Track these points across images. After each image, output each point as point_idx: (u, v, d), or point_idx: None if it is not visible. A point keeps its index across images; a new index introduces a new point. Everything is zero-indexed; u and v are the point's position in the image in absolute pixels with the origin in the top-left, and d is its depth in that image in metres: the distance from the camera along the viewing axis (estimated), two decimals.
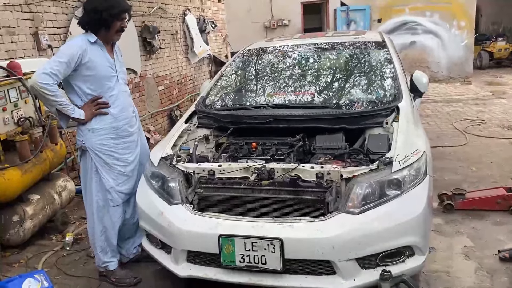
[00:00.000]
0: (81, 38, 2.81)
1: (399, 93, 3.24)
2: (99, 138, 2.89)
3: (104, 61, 2.86)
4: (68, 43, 2.83)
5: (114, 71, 2.93)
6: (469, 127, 6.99)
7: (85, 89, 2.84)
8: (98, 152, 2.91)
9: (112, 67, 2.91)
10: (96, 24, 2.79)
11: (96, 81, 2.85)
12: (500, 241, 3.42)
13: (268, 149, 2.99)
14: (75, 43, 2.78)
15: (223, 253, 2.45)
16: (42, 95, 2.69)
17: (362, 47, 3.95)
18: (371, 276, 2.42)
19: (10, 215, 3.53)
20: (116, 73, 2.94)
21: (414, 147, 2.69)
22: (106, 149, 2.92)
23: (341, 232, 2.35)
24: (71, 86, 2.84)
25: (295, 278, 2.44)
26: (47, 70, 2.64)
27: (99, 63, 2.83)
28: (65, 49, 2.76)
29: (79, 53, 2.73)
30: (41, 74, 2.63)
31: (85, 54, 2.75)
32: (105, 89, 2.89)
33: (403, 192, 2.47)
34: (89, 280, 3.22)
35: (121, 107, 2.96)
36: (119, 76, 2.97)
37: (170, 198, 2.72)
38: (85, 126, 2.88)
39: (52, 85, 2.65)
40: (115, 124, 2.93)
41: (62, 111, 2.79)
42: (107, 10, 2.75)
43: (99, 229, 3.05)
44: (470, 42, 11.68)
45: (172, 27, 8.61)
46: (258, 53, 4.21)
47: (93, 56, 2.79)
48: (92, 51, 2.80)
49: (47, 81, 2.63)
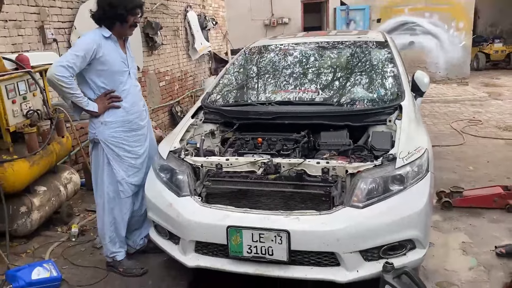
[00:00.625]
0: (96, 33, 2.87)
1: (401, 92, 3.33)
2: (111, 131, 2.96)
3: (117, 56, 2.93)
4: (83, 37, 2.89)
5: (126, 66, 3.00)
6: (466, 128, 7.10)
7: (98, 83, 2.91)
8: (110, 145, 2.97)
9: (124, 62, 2.98)
10: (111, 18, 2.85)
11: (109, 76, 2.92)
12: (496, 238, 3.52)
13: (273, 144, 3.07)
14: (91, 37, 2.84)
15: (231, 244, 2.53)
16: (59, 87, 2.75)
17: (365, 47, 4.03)
18: (373, 268, 2.50)
19: (18, 206, 3.59)
20: (128, 68, 3.01)
21: (417, 144, 2.78)
22: (118, 142, 2.99)
23: (346, 225, 2.44)
24: (85, 79, 2.91)
25: (300, 269, 2.52)
26: (64, 63, 2.70)
27: (113, 58, 2.90)
28: (81, 43, 2.82)
29: (94, 47, 2.79)
30: (58, 67, 2.70)
31: (100, 48, 2.82)
32: (117, 83, 2.96)
33: (405, 187, 2.56)
34: (96, 270, 3.28)
35: (133, 101, 3.03)
36: (131, 71, 3.04)
37: (179, 190, 2.79)
38: (97, 119, 2.94)
39: (68, 77, 2.72)
40: (126, 117, 3.00)
41: (77, 104, 2.86)
42: (123, 5, 2.81)
43: (108, 220, 3.12)
44: (468, 43, 11.80)
45: (174, 23, 8.66)
46: (262, 50, 4.28)
47: (107, 51, 2.86)
48: (106, 46, 2.86)
49: (64, 74, 2.70)
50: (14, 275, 2.96)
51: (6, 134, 3.45)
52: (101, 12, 2.86)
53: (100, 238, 3.28)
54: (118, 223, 3.14)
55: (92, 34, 2.88)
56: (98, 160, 3.06)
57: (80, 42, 2.84)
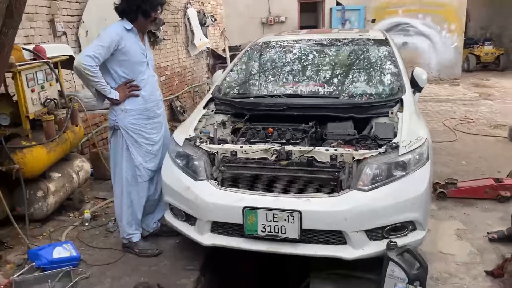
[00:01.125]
0: (118, 25, 3.05)
1: (402, 86, 3.55)
2: (131, 118, 3.14)
3: (137, 47, 3.11)
4: (107, 29, 3.05)
5: (145, 57, 3.18)
6: (458, 125, 7.38)
7: (120, 73, 3.09)
8: (129, 131, 3.15)
9: (144, 53, 3.16)
10: (135, 13, 3.04)
11: (130, 66, 3.10)
12: (488, 225, 3.75)
13: (283, 134, 3.27)
14: (114, 29, 3.02)
15: (247, 224, 2.72)
16: (85, 75, 2.93)
17: (367, 44, 4.24)
18: (377, 247, 2.72)
19: (35, 190, 3.74)
20: (147, 59, 3.19)
21: (417, 134, 3.00)
22: (137, 128, 3.17)
23: (352, 206, 2.65)
24: (107, 69, 3.08)
25: (310, 247, 2.73)
26: (91, 53, 2.87)
27: (133, 49, 3.08)
28: (106, 34, 2.99)
29: (117, 39, 2.97)
30: (86, 57, 2.87)
31: (122, 40, 3.00)
32: (137, 73, 3.14)
33: (408, 173, 2.78)
34: (112, 251, 3.45)
35: (151, 90, 3.22)
36: (149, 62, 3.22)
37: (196, 175, 2.98)
38: (118, 107, 3.12)
39: (94, 67, 2.90)
40: (145, 105, 3.18)
41: (101, 92, 3.03)
42: (148, 1, 3.00)
43: (126, 204, 3.30)
44: (459, 45, 12.12)
45: (174, 19, 8.81)
46: (269, 46, 4.47)
47: (128, 42, 3.04)
48: (127, 38, 3.04)
49: (90, 63, 2.88)
50: (37, 253, 3.12)
51: (25, 121, 3.60)
52: (125, 5, 3.04)
53: (117, 220, 3.45)
54: (135, 206, 3.31)
55: (115, 26, 3.05)
56: (117, 146, 3.23)
57: (104, 34, 3.01)
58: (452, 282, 2.98)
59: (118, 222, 3.43)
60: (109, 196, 4.51)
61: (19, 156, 3.52)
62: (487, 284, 2.93)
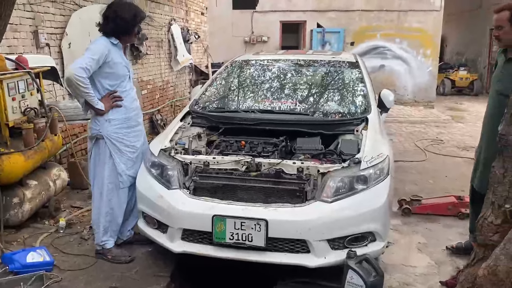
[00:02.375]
0: (105, 39, 3.22)
1: (368, 107, 3.77)
2: (114, 128, 3.30)
3: (121, 61, 3.29)
4: (97, 42, 3.21)
5: (127, 70, 3.36)
6: (429, 146, 7.67)
7: (104, 85, 3.26)
8: (113, 140, 3.31)
9: (126, 67, 3.35)
10: (122, 30, 3.23)
11: (114, 78, 3.28)
12: (449, 240, 3.95)
13: (255, 147, 3.44)
14: (103, 43, 3.19)
15: (216, 231, 2.86)
16: (77, 86, 3.06)
17: (338, 66, 4.48)
18: (339, 256, 2.88)
19: (11, 197, 3.80)
20: (129, 73, 3.38)
21: (379, 151, 3.20)
22: (119, 137, 3.32)
23: (316, 216, 2.82)
24: (93, 81, 3.23)
25: (276, 255, 2.88)
26: (83, 65, 3.03)
27: (118, 63, 3.26)
28: (96, 48, 3.15)
29: (106, 52, 3.15)
30: (78, 68, 3.02)
31: (109, 54, 3.17)
32: (120, 85, 3.32)
33: (368, 187, 2.97)
34: (85, 258, 3.52)
35: (131, 101, 3.38)
36: (130, 75, 3.39)
37: (169, 184, 3.12)
38: (102, 117, 3.27)
39: (86, 78, 3.06)
40: (127, 115, 3.35)
41: (89, 102, 3.19)
42: (133, 18, 3.21)
43: (105, 211, 3.41)
44: (434, 69, 12.63)
45: (158, 35, 8.99)
46: (247, 64, 4.67)
47: (114, 56, 3.21)
48: (113, 52, 3.22)
49: (82, 75, 3.03)
50: (11, 258, 3.19)
51: (4, 129, 3.69)
52: (112, 24, 3.20)
53: (94, 227, 3.53)
54: (116, 213, 3.44)
55: (103, 40, 3.22)
56: (99, 155, 3.36)
57: (94, 47, 3.16)
58: None
59: (95, 229, 3.51)
60: (85, 205, 4.59)
61: None
62: None
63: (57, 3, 5.63)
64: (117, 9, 3.20)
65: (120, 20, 3.18)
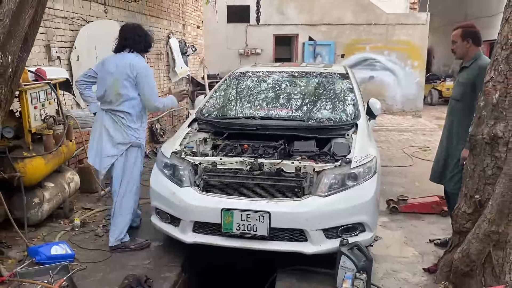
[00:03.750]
0: (140, 57, 3.83)
1: (358, 113, 4.19)
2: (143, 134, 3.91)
3: None
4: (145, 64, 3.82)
5: None
6: (415, 152, 8.12)
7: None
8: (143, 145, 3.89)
9: None
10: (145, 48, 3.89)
11: None
12: (432, 234, 4.35)
13: (257, 149, 3.82)
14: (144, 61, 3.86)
15: (224, 223, 3.23)
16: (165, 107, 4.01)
17: (330, 77, 4.90)
18: (333, 244, 3.27)
19: (32, 197, 4.13)
20: None
21: (368, 152, 3.60)
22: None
23: (312, 208, 3.21)
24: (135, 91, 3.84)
25: (277, 243, 3.26)
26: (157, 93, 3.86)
27: None
28: (150, 70, 3.83)
29: None
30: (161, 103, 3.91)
31: None
32: None
33: (358, 183, 3.37)
34: (101, 252, 3.86)
35: None
36: None
37: (181, 182, 3.49)
38: (142, 126, 3.86)
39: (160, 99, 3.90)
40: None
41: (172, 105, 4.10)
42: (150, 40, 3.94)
43: (132, 209, 3.88)
44: (421, 80, 13.16)
45: (157, 48, 9.39)
46: (245, 75, 5.08)
47: None
48: None
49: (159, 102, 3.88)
50: (36, 250, 3.53)
51: (27, 135, 4.04)
52: (142, 45, 3.83)
53: (115, 226, 3.84)
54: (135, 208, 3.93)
55: (142, 59, 3.82)
56: (130, 160, 3.79)
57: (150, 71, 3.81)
58: (396, 276, 3.53)
59: (114, 229, 3.83)
60: (96, 207, 4.94)
61: (20, 166, 3.93)
62: (423, 278, 3.50)
63: (67, 19, 6.02)
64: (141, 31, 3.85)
65: (147, 42, 3.88)
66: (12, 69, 3.17)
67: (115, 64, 3.69)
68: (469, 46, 3.68)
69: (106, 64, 3.76)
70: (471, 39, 3.66)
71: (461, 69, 3.79)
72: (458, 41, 3.72)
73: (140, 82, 3.66)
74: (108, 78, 3.69)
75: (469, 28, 3.73)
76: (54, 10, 5.62)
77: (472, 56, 3.69)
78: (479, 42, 3.71)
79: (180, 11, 10.95)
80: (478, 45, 3.70)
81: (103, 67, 3.78)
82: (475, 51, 3.69)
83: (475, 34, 3.69)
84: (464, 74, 3.72)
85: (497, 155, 2.90)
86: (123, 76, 3.63)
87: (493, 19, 12.31)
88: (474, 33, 3.70)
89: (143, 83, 3.67)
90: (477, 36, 3.69)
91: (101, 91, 3.76)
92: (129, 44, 3.73)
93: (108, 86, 3.69)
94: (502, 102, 2.87)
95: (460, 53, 3.76)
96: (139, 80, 3.65)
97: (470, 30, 3.71)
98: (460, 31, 3.72)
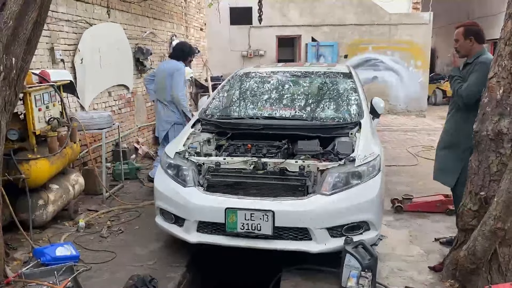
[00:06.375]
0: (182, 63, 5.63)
1: (361, 112, 4.18)
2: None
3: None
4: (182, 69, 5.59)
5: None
6: (420, 152, 8.09)
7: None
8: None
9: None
10: (188, 58, 5.75)
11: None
12: (437, 233, 4.33)
13: (260, 149, 3.81)
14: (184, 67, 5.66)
15: (228, 222, 3.23)
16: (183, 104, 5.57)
17: (333, 76, 4.89)
18: (337, 243, 3.26)
19: (37, 199, 4.15)
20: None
21: (371, 150, 3.59)
22: None
23: (316, 207, 3.20)
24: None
25: (281, 242, 3.25)
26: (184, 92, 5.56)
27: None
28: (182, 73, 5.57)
29: None
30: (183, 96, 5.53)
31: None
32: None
33: (362, 181, 3.36)
34: (106, 253, 3.87)
35: None
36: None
37: (185, 183, 3.49)
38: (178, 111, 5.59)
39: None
40: None
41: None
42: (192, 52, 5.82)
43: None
44: (425, 80, 13.12)
45: (161, 50, 9.43)
46: (248, 76, 5.08)
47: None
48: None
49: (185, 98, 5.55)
50: (42, 251, 3.53)
51: (32, 137, 4.06)
52: (187, 55, 5.75)
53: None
54: None
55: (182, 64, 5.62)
56: (173, 133, 5.36)
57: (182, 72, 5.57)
58: (402, 275, 3.51)
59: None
60: (100, 209, 4.95)
61: (25, 167, 3.95)
62: (429, 276, 3.47)
63: (71, 22, 6.04)
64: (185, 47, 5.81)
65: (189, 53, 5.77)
66: (16, 71, 3.19)
67: (164, 67, 5.69)
68: (472, 44, 3.66)
69: (160, 67, 5.79)
70: (473, 37, 3.64)
71: (464, 66, 3.78)
72: (461, 40, 3.70)
73: (173, 78, 5.44)
74: (160, 76, 5.59)
75: (471, 26, 3.72)
76: (58, 13, 5.65)
77: (475, 53, 3.68)
78: (482, 40, 3.69)
79: (183, 14, 10.99)
80: (481, 43, 3.69)
81: (158, 69, 5.82)
82: (478, 49, 3.67)
83: (477, 32, 3.67)
84: (467, 70, 3.71)
85: (502, 151, 2.89)
86: (168, 75, 5.47)
87: (496, 18, 12.26)
88: (476, 31, 3.68)
89: (175, 78, 5.45)
90: (479, 34, 3.67)
91: (155, 86, 5.69)
92: (175, 55, 5.73)
93: (159, 82, 5.59)
94: (507, 98, 2.86)
95: (464, 52, 3.73)
96: (173, 76, 5.43)
97: (472, 28, 3.69)
98: (462, 30, 3.70)
